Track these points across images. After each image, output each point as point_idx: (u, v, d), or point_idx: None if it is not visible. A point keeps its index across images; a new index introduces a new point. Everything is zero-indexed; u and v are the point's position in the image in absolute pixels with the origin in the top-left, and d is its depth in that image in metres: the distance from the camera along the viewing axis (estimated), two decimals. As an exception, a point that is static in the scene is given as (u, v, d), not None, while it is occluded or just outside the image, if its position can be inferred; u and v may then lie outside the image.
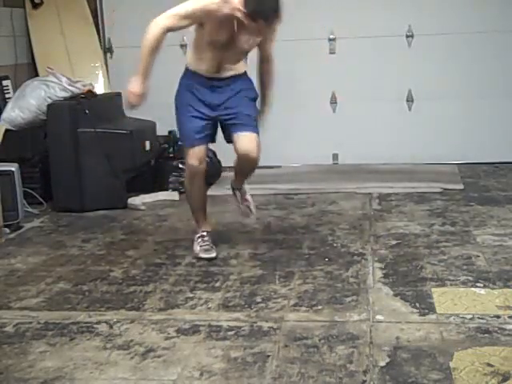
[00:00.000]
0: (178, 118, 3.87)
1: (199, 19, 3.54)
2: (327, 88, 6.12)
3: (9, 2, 5.81)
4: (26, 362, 2.71)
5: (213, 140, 3.92)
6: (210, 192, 5.40)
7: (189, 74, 3.83)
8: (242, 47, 3.63)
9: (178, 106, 3.88)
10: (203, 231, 3.94)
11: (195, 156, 3.78)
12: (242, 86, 3.78)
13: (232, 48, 3.60)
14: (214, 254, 3.85)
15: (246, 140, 3.70)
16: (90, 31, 6.12)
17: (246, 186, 4.09)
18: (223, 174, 5.80)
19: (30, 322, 3.07)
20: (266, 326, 2.93)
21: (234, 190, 4.11)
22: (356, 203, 4.90)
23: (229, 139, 3.81)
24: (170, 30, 3.58)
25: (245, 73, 3.81)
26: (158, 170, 5.49)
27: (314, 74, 6.04)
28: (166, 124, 5.62)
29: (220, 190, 5.47)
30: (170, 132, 5.66)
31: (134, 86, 3.63)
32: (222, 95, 3.74)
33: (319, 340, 2.77)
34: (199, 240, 3.91)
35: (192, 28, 3.68)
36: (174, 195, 5.29)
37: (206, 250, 3.86)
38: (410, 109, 6.08)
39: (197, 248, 3.88)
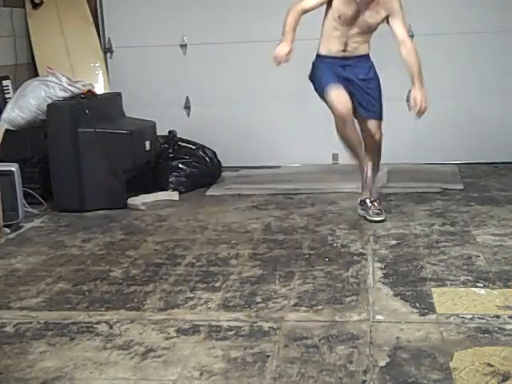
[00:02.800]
0: (316, 74, 4.29)
1: None
2: (327, 88, 6.11)
3: (9, 2, 5.81)
4: (26, 362, 2.71)
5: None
6: (209, 192, 5.43)
7: (319, 58, 4.30)
8: (367, 22, 4.13)
9: (315, 72, 4.31)
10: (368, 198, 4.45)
11: (339, 99, 4.17)
12: (366, 69, 4.34)
13: (358, 23, 4.12)
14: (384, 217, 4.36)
15: (373, 125, 4.35)
16: (90, 31, 6.12)
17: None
18: (223, 173, 5.81)
19: (30, 322, 3.07)
20: (266, 325, 2.93)
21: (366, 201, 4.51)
22: (356, 203, 4.89)
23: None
24: (305, 11, 4.13)
25: (367, 55, 4.34)
26: (158, 169, 5.50)
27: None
28: (166, 124, 5.64)
29: (220, 190, 5.48)
30: (169, 132, 5.66)
31: (282, 46, 4.04)
32: (354, 71, 4.27)
33: (319, 340, 2.77)
34: (373, 205, 4.40)
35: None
36: (174, 195, 5.29)
37: (378, 214, 4.36)
38: (409, 109, 6.07)
39: (369, 212, 4.38)
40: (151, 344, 2.81)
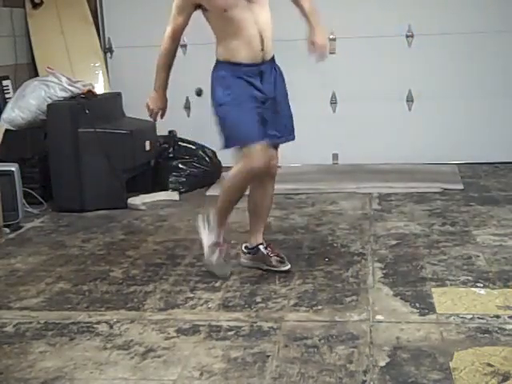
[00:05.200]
0: (226, 113, 3.44)
1: (193, 2, 3.32)
2: (327, 88, 6.12)
3: (9, 2, 5.81)
4: (26, 362, 2.71)
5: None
6: (209, 192, 5.43)
7: (221, 65, 3.53)
8: None
9: (222, 100, 3.46)
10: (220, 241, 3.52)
11: (262, 155, 3.25)
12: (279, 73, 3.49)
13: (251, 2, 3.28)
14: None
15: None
16: (90, 31, 6.12)
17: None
18: (223, 173, 5.80)
19: (30, 322, 3.07)
20: (266, 325, 2.93)
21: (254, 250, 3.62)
22: (356, 203, 4.90)
23: None
24: (175, 33, 3.50)
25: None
26: (158, 170, 5.50)
27: (314, 74, 6.04)
28: (166, 124, 5.63)
29: (220, 190, 5.47)
30: (170, 132, 5.66)
31: (153, 102, 3.51)
32: (271, 85, 3.42)
33: (319, 340, 2.77)
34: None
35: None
36: (174, 195, 5.29)
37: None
38: (410, 109, 6.08)
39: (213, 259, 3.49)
40: (151, 344, 2.81)
